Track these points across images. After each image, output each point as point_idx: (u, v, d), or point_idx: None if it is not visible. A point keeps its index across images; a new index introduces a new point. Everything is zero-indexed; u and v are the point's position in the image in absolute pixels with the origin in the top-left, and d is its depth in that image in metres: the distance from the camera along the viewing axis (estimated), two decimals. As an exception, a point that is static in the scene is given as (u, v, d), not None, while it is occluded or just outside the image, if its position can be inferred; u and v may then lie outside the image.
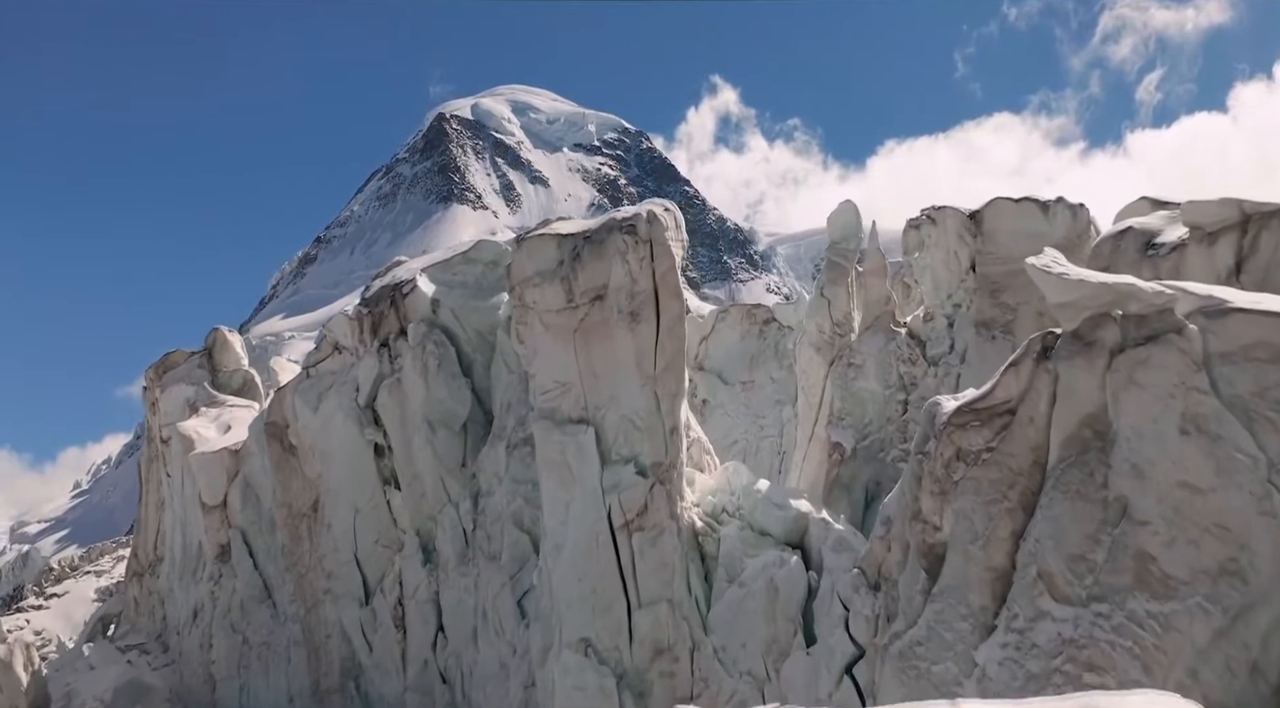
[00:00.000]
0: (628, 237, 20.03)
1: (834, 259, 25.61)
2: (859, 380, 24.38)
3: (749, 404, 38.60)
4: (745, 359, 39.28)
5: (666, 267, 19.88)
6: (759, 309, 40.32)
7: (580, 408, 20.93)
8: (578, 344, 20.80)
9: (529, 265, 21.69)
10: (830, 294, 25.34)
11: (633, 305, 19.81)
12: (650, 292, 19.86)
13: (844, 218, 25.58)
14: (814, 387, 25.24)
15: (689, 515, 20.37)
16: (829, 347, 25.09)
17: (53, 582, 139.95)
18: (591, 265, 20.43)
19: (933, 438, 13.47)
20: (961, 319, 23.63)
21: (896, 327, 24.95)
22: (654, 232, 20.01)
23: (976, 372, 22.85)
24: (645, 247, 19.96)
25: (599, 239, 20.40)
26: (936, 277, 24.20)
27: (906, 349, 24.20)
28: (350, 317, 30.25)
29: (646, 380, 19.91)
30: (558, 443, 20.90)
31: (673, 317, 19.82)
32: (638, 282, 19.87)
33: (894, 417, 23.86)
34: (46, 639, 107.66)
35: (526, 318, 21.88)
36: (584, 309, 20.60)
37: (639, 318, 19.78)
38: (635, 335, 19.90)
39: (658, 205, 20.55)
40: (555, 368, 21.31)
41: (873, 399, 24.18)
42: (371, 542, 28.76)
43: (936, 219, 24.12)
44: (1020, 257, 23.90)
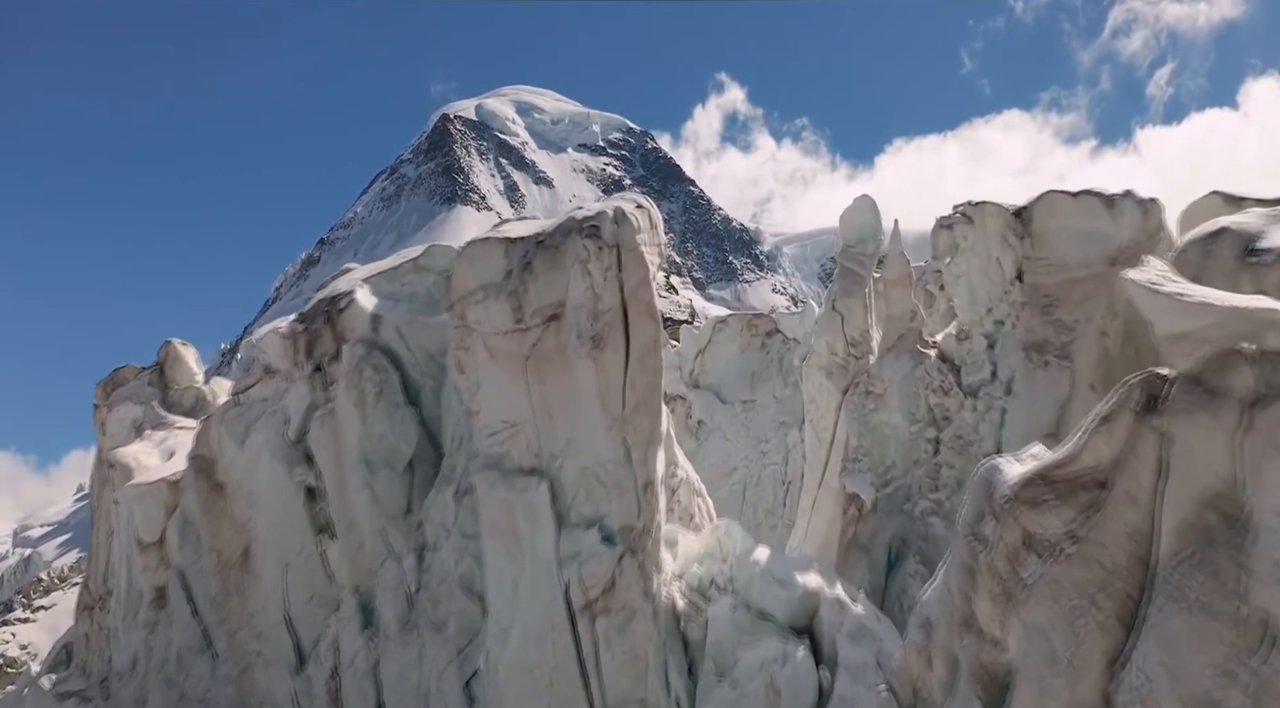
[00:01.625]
0: (589, 241, 15.83)
1: (848, 266, 21.35)
2: (879, 413, 20.10)
3: (750, 426, 34.38)
4: (745, 375, 35.02)
5: (638, 279, 15.66)
6: (761, 319, 36.04)
7: (532, 455, 16.75)
8: (529, 375, 16.62)
9: (471, 277, 17.52)
10: (843, 308, 21.07)
11: (595, 328, 15.62)
12: (617, 310, 15.67)
13: (860, 217, 21.32)
14: (824, 419, 20.97)
15: (668, 592, 16.12)
16: (842, 371, 20.82)
17: (41, 593, 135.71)
18: (545, 277, 16.24)
19: (991, 517, 10.39)
20: (1005, 339, 19.32)
21: (924, 347, 20.66)
22: (622, 235, 15.80)
23: (1026, 406, 18.57)
24: (611, 254, 15.76)
25: (553, 244, 16.21)
26: (974, 287, 19.92)
27: (937, 375, 19.91)
28: (283, 334, 25.76)
29: (613, 423, 15.71)
30: (503, 500, 16.74)
31: (646, 343, 15.62)
32: (601, 298, 15.68)
33: (923, 458, 19.57)
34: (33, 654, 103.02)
35: (468, 342, 17.72)
36: (536, 332, 16.43)
37: (603, 344, 15.57)
38: (599, 366, 15.71)
39: (628, 201, 16.34)
40: (502, 405, 17.16)
41: (896, 436, 19.90)
42: (304, 600, 24.36)
43: (974, 217, 19.82)
44: (1078, 263, 19.70)
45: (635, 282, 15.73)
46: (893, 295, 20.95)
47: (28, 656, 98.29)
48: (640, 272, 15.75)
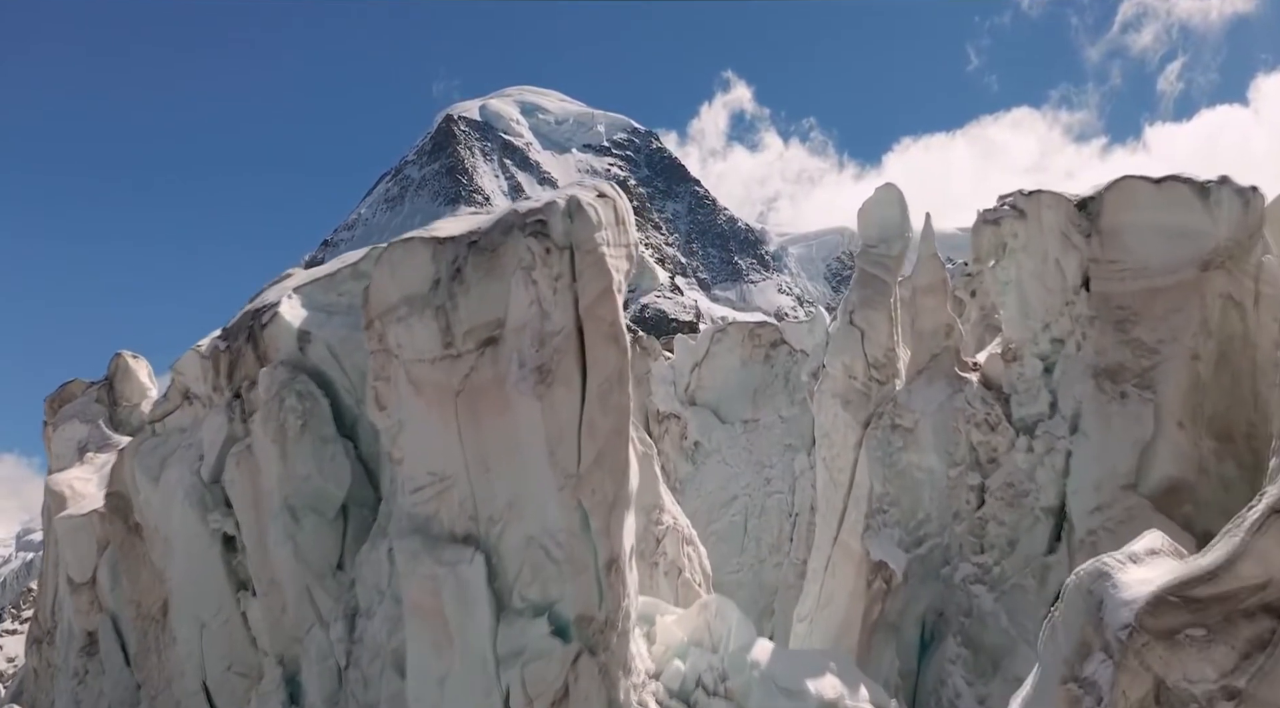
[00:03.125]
0: (534, 242, 12.04)
1: (869, 270, 17.48)
2: (909, 452, 16.27)
3: (752, 449, 30.54)
4: (747, 391, 31.16)
5: (598, 291, 11.87)
6: (764, 328, 32.16)
7: (466, 519, 13.00)
8: (461, 416, 12.86)
9: (392, 288, 13.76)
10: (863, 321, 17.21)
11: (542, 357, 11.84)
12: (571, 333, 11.87)
13: (882, 211, 17.47)
14: (840, 458, 17.14)
15: (639, 700, 12.30)
16: (862, 399, 16.98)
17: (30, 604, 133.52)
18: (479, 289, 12.46)
19: (1101, 653, 7.45)
20: (1068, 363, 15.47)
21: (964, 370, 16.81)
22: (577, 233, 12.00)
23: (1097, 448, 14.70)
24: (562, 258, 11.97)
25: (489, 246, 12.42)
26: (1026, 296, 16.07)
27: (981, 406, 16.06)
28: (202, 354, 21.78)
29: (566, 481, 11.90)
30: (428, 577, 13.00)
31: (608, 375, 11.82)
32: (550, 317, 11.89)
33: (964, 511, 15.74)
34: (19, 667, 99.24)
35: (389, 370, 13.95)
36: (468, 360, 12.66)
37: (551, 377, 11.78)
38: (546, 407, 11.94)
39: (587, 189, 12.53)
40: (429, 452, 13.42)
41: (930, 482, 16.06)
42: (223, 668, 20.43)
43: (1027, 210, 15.96)
44: (1161, 267, 15.75)
45: (594, 294, 11.92)
46: (924, 306, 17.09)
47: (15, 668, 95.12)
48: (600, 281, 11.94)
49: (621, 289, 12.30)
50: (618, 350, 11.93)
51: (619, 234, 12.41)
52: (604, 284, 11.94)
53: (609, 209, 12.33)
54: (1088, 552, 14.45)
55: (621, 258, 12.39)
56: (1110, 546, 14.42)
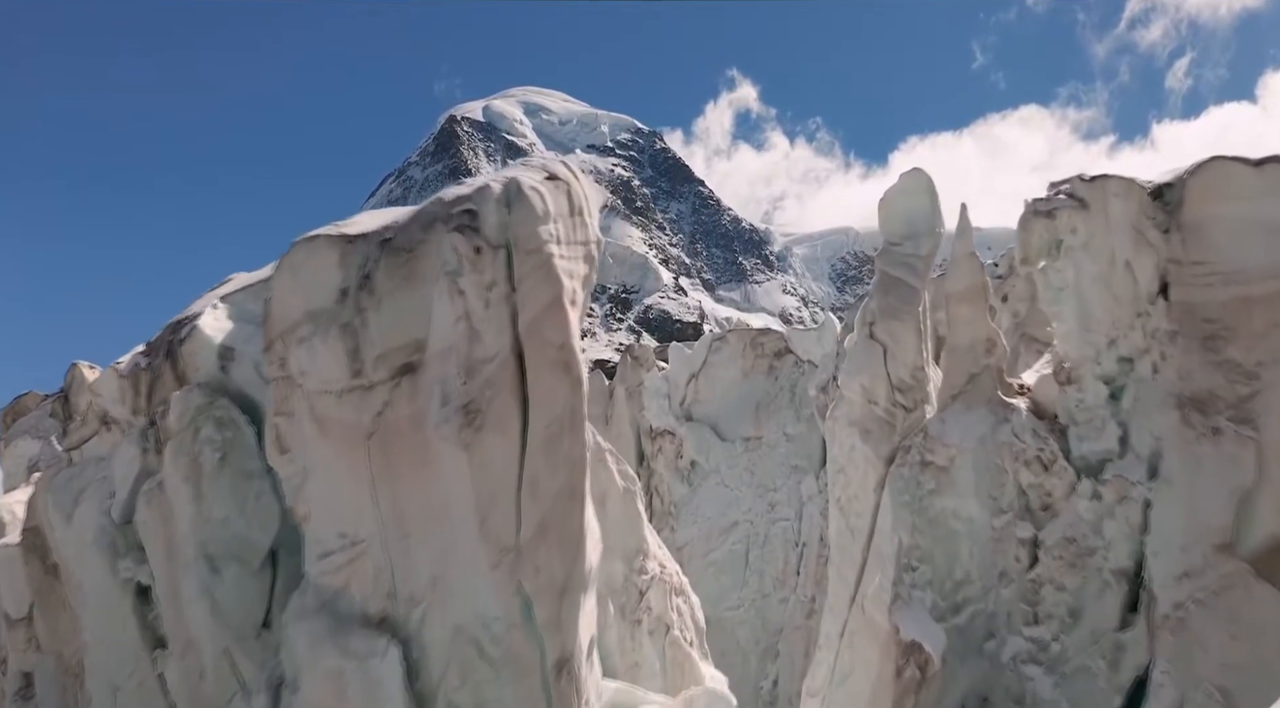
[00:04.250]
0: (460, 239, 9.11)
1: (892, 274, 14.50)
2: (944, 496, 13.31)
3: (754, 470, 27.63)
4: (749, 406, 28.24)
5: (544, 303, 8.95)
6: (767, 336, 29.23)
7: (382, 596, 10.05)
8: (374, 465, 9.88)
9: (294, 299, 10.82)
10: (886, 334, 14.22)
11: (470, 391, 8.93)
12: (507, 359, 8.94)
13: (909, 202, 14.48)
14: (859, 501, 14.17)
15: None
16: (885, 429, 14.01)
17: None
18: (392, 302, 9.51)
19: None
20: (1142, 389, 12.50)
21: (1010, 395, 13.84)
22: (517, 227, 9.06)
23: (1184, 497, 11.70)
24: (497, 260, 9.03)
25: (405, 245, 9.48)
26: (1087, 305, 13.11)
27: (1032, 440, 13.09)
28: (121, 372, 18.69)
29: (501, 556, 8.98)
30: (332, 672, 10.05)
31: (557, 417, 8.90)
32: (481, 337, 8.96)
33: (1013, 572, 12.77)
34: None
35: (291, 403, 11.01)
36: (381, 393, 9.69)
37: (480, 419, 8.87)
38: (475, 458, 9.02)
39: (532, 170, 9.57)
40: (337, 508, 10.45)
41: (971, 534, 13.10)
42: (135, 739, 17.24)
43: (1089, 199, 12.98)
44: (1262, 271, 12.76)
45: (539, 308, 8.96)
46: (959, 316, 14.12)
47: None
48: (547, 291, 8.98)
49: (577, 301, 9.33)
50: (570, 383, 8.96)
51: (574, 228, 9.44)
52: (551, 295, 8.97)
53: (560, 196, 9.36)
54: (1174, 630, 11.47)
55: (578, 259, 9.43)
56: (1203, 623, 11.41)
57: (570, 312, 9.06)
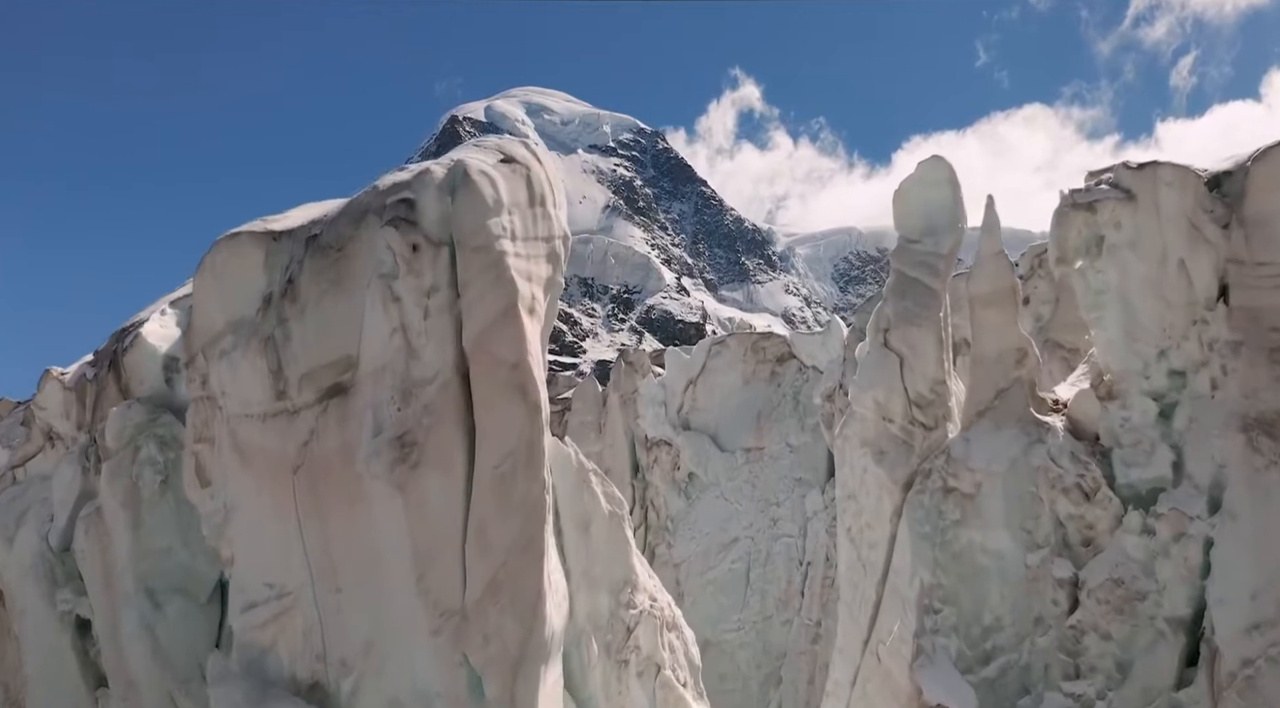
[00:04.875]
0: (395, 234, 7.45)
1: (909, 274, 12.85)
2: (970, 528, 11.67)
3: (756, 483, 25.92)
4: (750, 414, 26.50)
5: (495, 312, 7.33)
6: (769, 340, 27.55)
7: (312, 658, 8.49)
8: (301, 502, 8.25)
9: (216, 306, 9.22)
10: (903, 343, 12.57)
11: (406, 420, 7.28)
12: (450, 380, 7.31)
13: (928, 194, 12.82)
14: (873, 531, 12.53)
15: None
16: (902, 450, 12.36)
17: None
18: (319, 311, 7.87)
19: None
20: (1199, 408, 10.87)
21: (1044, 413, 12.19)
22: (461, 219, 7.43)
23: (1252, 534, 10.06)
24: (439, 260, 7.39)
25: (333, 241, 7.85)
26: (1134, 311, 11.48)
27: (1071, 465, 11.45)
28: (66, 384, 17.15)
29: (443, 621, 7.32)
30: (251, 748, 8.39)
31: (510, 451, 7.28)
32: (420, 354, 7.30)
33: (1050, 617, 11.13)
34: None
35: (212, 428, 9.43)
36: (307, 419, 8.06)
37: (418, 454, 7.22)
38: (412, 501, 7.37)
39: (485, 151, 7.95)
40: (263, 553, 8.86)
41: (1002, 573, 11.46)
42: (74, 786, 15.65)
43: (1136, 189, 11.35)
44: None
45: (488, 319, 7.34)
46: (986, 323, 12.47)
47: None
48: (499, 297, 7.36)
49: (538, 309, 7.72)
50: (525, 410, 7.34)
51: (534, 221, 7.82)
52: (503, 302, 7.36)
53: (517, 182, 7.74)
54: (1242, 691, 9.82)
55: (538, 258, 7.81)
56: (1277, 684, 9.78)
57: (527, 322, 7.44)
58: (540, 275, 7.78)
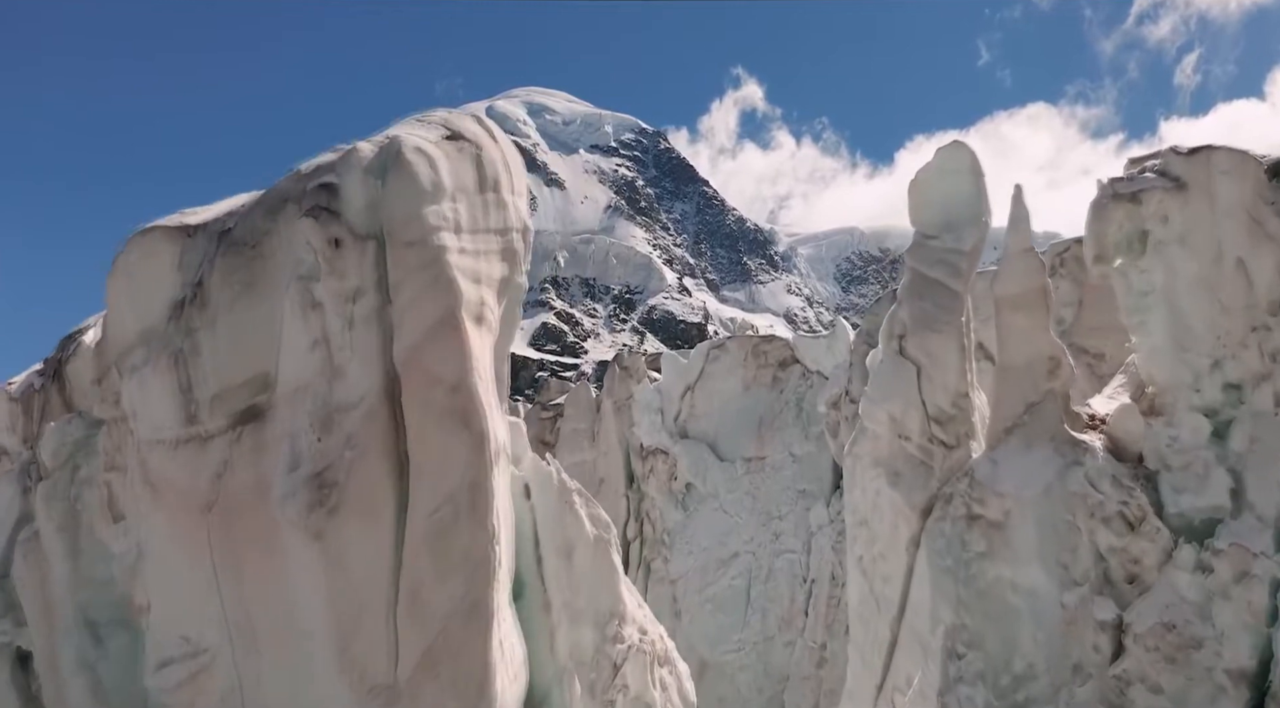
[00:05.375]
0: (314, 227, 5.98)
1: (926, 274, 11.48)
2: (998, 561, 10.29)
3: (757, 495, 24.61)
4: (751, 422, 25.20)
5: (430, 321, 5.88)
6: (771, 343, 26.24)
7: (227, 727, 6.90)
8: (216, 546, 6.76)
9: (128, 313, 7.77)
10: (921, 351, 11.21)
11: (326, 454, 5.80)
12: (377, 406, 5.83)
13: (948, 184, 11.46)
14: (886, 562, 11.16)
15: None
16: (920, 472, 10.99)
17: None
18: (229, 318, 6.41)
19: None
20: (1261, 426, 9.50)
21: (1080, 430, 10.81)
22: (392, 205, 5.97)
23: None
24: (363, 255, 5.93)
25: (247, 237, 6.41)
26: (1184, 316, 10.12)
27: (1113, 490, 10.08)
28: (12, 395, 15.74)
29: (371, 697, 5.86)
30: None
31: (450, 494, 5.84)
32: (344, 373, 5.83)
33: (1091, 664, 9.74)
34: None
35: (123, 454, 8.05)
36: (219, 448, 6.61)
37: (338, 497, 5.75)
38: (331, 552, 5.90)
39: (428, 126, 6.51)
40: (178, 602, 7.36)
41: (1035, 613, 10.08)
42: (12, 833, 14.23)
43: (1187, 177, 9.99)
44: None
45: (423, 327, 5.99)
46: (1014, 328, 11.09)
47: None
48: (436, 302, 6.01)
49: (488, 317, 6.37)
50: (468, 443, 5.98)
51: (486, 210, 6.47)
52: (440, 308, 6.01)
53: (464, 163, 6.38)
54: (1321, 757, 8.44)
55: (490, 255, 6.45)
56: (1363, 749, 8.38)
57: (472, 334, 6.09)
58: (492, 275, 6.43)
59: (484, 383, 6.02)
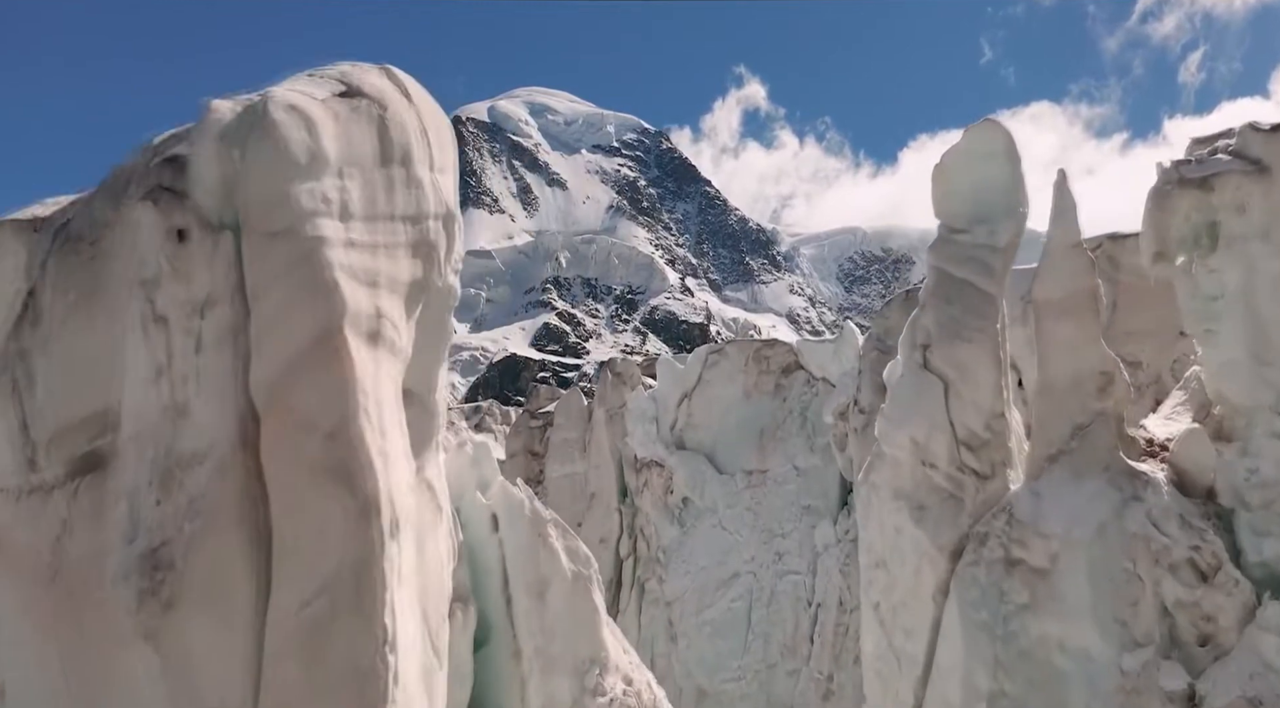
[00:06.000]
0: (153, 212, 4.21)
1: (954, 274, 9.85)
2: (1043, 616, 8.66)
3: (758, 510, 23.04)
4: (752, 432, 23.65)
5: (301, 340, 4.12)
6: (773, 348, 24.62)
7: None
8: (61, 630, 4.94)
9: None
10: (949, 364, 9.57)
11: (163, 524, 4.02)
12: (230, 457, 4.05)
13: (980, 170, 9.84)
14: (909, 612, 9.53)
15: None
16: (948, 506, 9.36)
17: None
18: (65, 337, 4.60)
19: None
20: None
21: (1137, 457, 9.17)
22: (250, 182, 4.21)
23: None
24: (216, 252, 4.15)
25: (84, 231, 4.62)
26: (1264, 323, 8.49)
27: (1180, 532, 8.46)
28: None
29: None
30: None
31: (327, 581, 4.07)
32: (188, 408, 4.05)
33: (1161, 743, 8.09)
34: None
35: (-37, 499, 6.17)
36: (59, 503, 4.80)
37: (176, 584, 4.00)
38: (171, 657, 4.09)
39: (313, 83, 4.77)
40: (29, 685, 5.55)
41: (1088, 678, 8.43)
42: None
43: (1267, 159, 8.37)
44: None
45: (291, 351, 4.30)
46: (1058, 338, 9.47)
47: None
48: (311, 315, 4.34)
49: (388, 334, 4.73)
50: (353, 510, 4.33)
51: (391, 189, 4.83)
52: (316, 325, 4.37)
53: (362, 128, 4.75)
54: None
55: (394, 249, 4.81)
56: None
57: (361, 358, 4.45)
58: (397, 277, 4.80)
59: (375, 427, 4.41)
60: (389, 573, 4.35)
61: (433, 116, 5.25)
